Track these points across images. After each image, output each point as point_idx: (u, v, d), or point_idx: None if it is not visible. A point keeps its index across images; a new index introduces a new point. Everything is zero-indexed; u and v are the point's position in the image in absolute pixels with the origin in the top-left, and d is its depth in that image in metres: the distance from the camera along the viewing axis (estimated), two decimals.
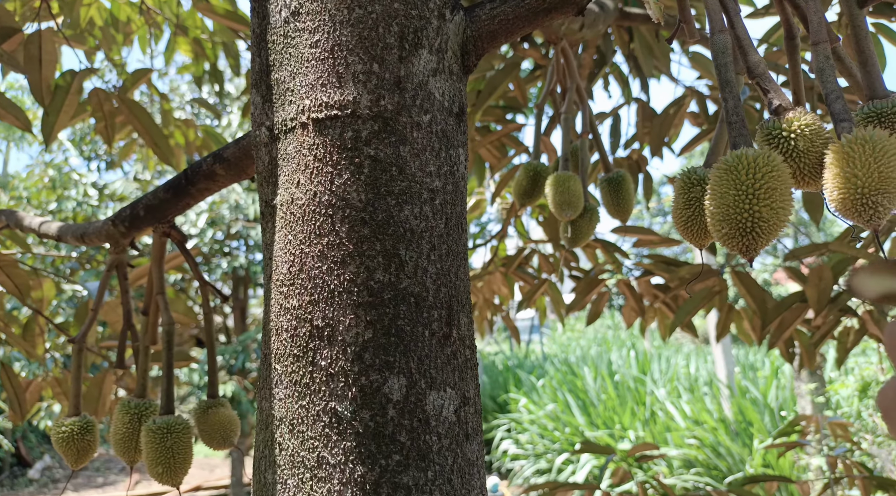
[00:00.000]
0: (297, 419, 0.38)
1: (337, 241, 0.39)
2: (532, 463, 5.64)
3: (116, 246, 0.67)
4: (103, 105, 1.27)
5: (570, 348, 10.63)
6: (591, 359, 7.40)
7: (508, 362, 8.71)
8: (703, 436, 4.36)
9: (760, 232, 0.35)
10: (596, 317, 2.10)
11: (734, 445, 4.19)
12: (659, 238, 1.81)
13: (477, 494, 0.41)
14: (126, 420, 0.62)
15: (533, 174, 1.04)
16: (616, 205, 0.99)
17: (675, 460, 4.52)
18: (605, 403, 5.61)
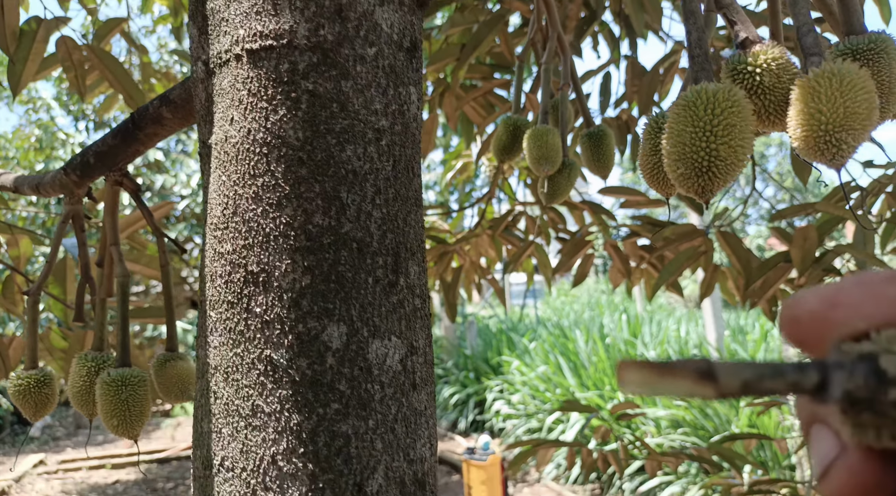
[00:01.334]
0: (232, 367, 0.37)
1: (272, 181, 0.37)
2: (523, 422, 5.73)
3: (71, 196, 0.64)
4: (72, 54, 1.22)
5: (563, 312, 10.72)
6: (584, 323, 7.46)
7: (502, 326, 8.79)
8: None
9: (717, 172, 0.33)
10: (582, 279, 2.09)
11: (721, 406, 4.25)
12: (646, 199, 1.79)
13: (424, 444, 0.40)
14: (83, 373, 0.61)
15: (513, 129, 1.01)
16: (596, 160, 0.96)
17: (663, 420, 4.60)
18: (595, 365, 5.68)
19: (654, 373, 0.15)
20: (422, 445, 0.40)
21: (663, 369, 0.16)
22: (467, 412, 6.89)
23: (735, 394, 0.15)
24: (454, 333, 8.81)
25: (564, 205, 2.06)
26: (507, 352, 7.02)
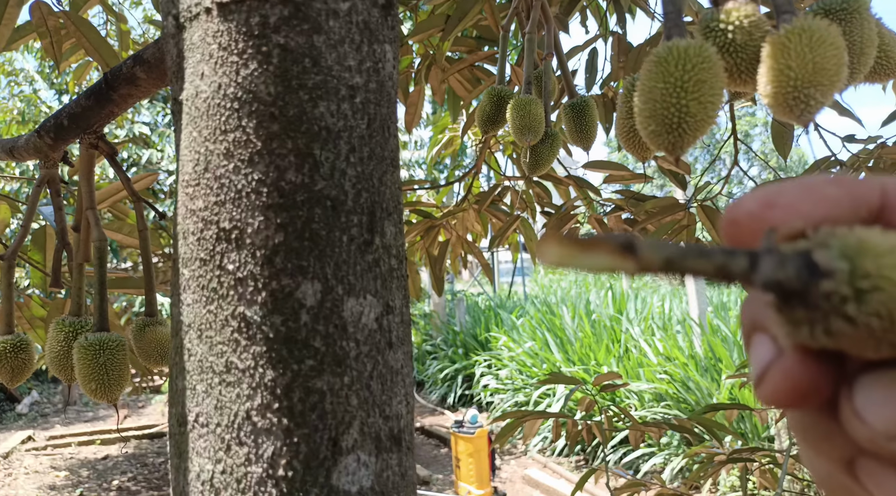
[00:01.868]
0: (205, 324, 0.37)
1: (244, 137, 0.37)
2: (511, 397, 5.81)
3: (46, 160, 0.63)
4: (47, 20, 1.19)
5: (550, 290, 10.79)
6: (571, 300, 7.52)
7: (491, 303, 8.83)
8: (674, 372, 4.50)
9: (687, 128, 0.33)
10: None
11: (703, 380, 4.33)
12: (630, 174, 1.79)
13: (400, 402, 0.41)
14: (60, 338, 0.61)
15: (497, 99, 1.01)
16: (579, 131, 0.96)
17: (647, 394, 4.67)
18: (581, 341, 5.75)
19: (574, 247, 0.15)
20: (398, 402, 0.41)
21: (584, 243, 0.15)
22: (456, 387, 6.96)
23: (655, 269, 0.15)
24: (444, 310, 8.85)
25: (550, 179, 2.06)
26: (495, 328, 7.08)
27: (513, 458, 5.41)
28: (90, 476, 5.90)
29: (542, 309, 7.11)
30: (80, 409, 8.75)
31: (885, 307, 0.14)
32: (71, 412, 8.55)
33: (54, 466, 6.16)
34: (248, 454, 0.35)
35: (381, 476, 0.38)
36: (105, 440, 6.87)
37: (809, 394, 0.16)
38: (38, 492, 5.49)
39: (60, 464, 6.24)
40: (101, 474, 5.94)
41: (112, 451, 6.62)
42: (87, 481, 5.78)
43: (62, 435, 7.00)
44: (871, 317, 0.14)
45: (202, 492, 0.36)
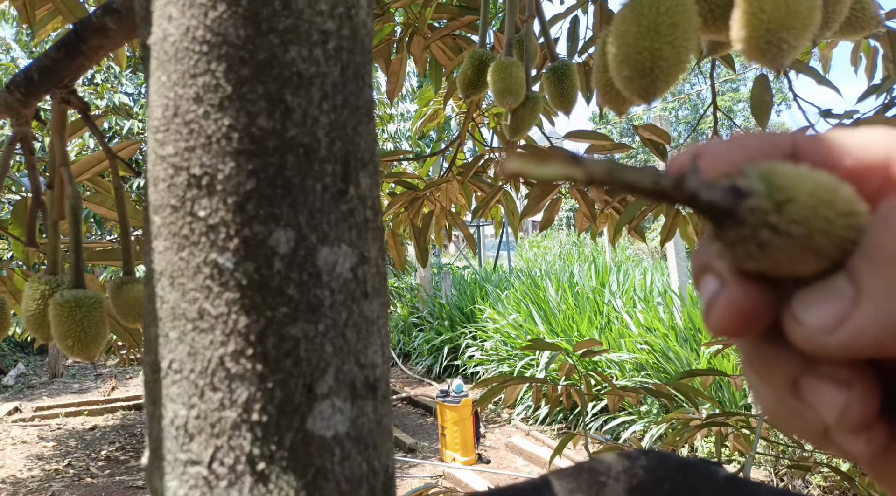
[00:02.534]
0: (177, 271, 0.37)
1: (214, 82, 0.36)
2: (495, 367, 5.87)
3: (18, 117, 0.62)
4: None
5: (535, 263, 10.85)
6: (555, 273, 7.58)
7: (476, 276, 8.86)
8: (655, 342, 4.57)
9: (660, 72, 0.33)
10: (548, 224, 2.11)
11: (683, 350, 4.41)
12: (612, 143, 1.79)
13: (376, 351, 0.41)
14: (36, 296, 0.60)
15: (478, 62, 1.00)
16: (560, 96, 0.96)
17: (628, 364, 4.75)
18: (564, 313, 5.81)
19: (532, 160, 0.17)
20: (374, 352, 0.41)
21: (541, 156, 0.17)
22: (441, 358, 7.03)
23: (600, 177, 0.17)
24: (430, 284, 8.89)
25: (532, 150, 2.05)
26: (480, 301, 7.13)
27: (497, 427, 5.51)
28: (78, 446, 5.91)
29: (526, 282, 7.17)
30: (67, 381, 8.73)
31: (801, 214, 0.16)
32: (58, 384, 8.53)
33: (42, 437, 6.16)
34: (221, 399, 0.36)
35: (357, 422, 0.39)
36: (92, 411, 6.87)
37: (753, 318, 0.18)
38: (26, 462, 5.50)
39: (48, 434, 6.25)
40: (89, 444, 5.96)
41: (99, 422, 6.64)
42: (76, 451, 5.80)
43: (49, 406, 6.99)
44: (790, 225, 0.16)
45: (176, 438, 0.36)
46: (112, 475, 5.37)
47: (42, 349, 9.63)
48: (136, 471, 5.43)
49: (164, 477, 0.37)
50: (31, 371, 9.17)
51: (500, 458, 4.76)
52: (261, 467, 0.35)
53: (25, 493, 4.94)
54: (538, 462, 4.52)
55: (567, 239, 15.45)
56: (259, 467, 0.35)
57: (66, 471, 5.41)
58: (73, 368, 9.45)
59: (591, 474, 0.37)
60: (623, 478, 0.36)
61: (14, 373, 8.75)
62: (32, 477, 5.30)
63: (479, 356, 6.37)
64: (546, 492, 0.37)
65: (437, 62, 1.75)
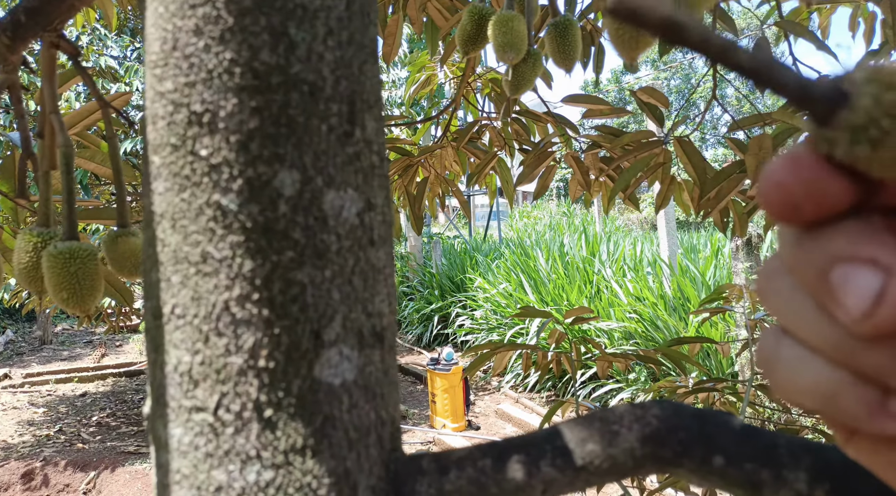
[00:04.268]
0: (179, 213, 0.35)
1: (214, 12, 0.34)
2: (486, 336, 5.92)
3: (5, 63, 0.59)
4: None
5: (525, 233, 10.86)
6: (545, 243, 7.59)
7: (466, 246, 8.87)
8: (644, 311, 4.62)
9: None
10: (543, 191, 2.10)
11: (671, 319, 4.45)
12: (609, 108, 1.77)
13: (383, 300, 0.40)
14: (28, 248, 0.59)
15: (477, 17, 0.97)
16: (561, 51, 0.94)
17: (616, 332, 4.80)
18: (554, 282, 5.84)
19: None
20: (380, 301, 0.40)
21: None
22: (432, 327, 7.07)
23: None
24: (420, 253, 8.89)
25: (528, 116, 2.03)
26: (470, 270, 7.15)
27: (486, 394, 5.58)
28: (69, 412, 5.93)
29: (516, 251, 7.18)
30: (57, 348, 8.72)
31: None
32: (47, 351, 8.52)
33: (33, 403, 6.17)
34: (227, 345, 0.35)
35: (364, 371, 0.38)
36: (83, 378, 6.88)
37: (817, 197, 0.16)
38: (17, 428, 5.51)
39: (38, 400, 6.26)
40: (80, 410, 5.97)
41: (90, 389, 6.65)
42: (66, 417, 5.82)
43: (39, 373, 6.99)
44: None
45: (180, 385, 0.35)
46: (103, 441, 5.40)
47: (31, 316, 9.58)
48: (127, 437, 5.46)
49: (167, 424, 0.36)
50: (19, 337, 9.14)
51: (489, 425, 4.84)
52: (268, 414, 0.34)
53: (17, 458, 4.97)
54: (527, 428, 4.58)
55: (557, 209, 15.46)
56: (266, 414, 0.34)
57: (58, 437, 5.43)
58: (63, 335, 9.42)
59: (602, 423, 0.36)
60: (636, 427, 0.35)
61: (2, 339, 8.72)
62: (23, 442, 5.33)
63: (469, 325, 6.41)
64: (558, 441, 0.36)
65: (433, 23, 1.71)
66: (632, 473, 0.34)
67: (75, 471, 4.97)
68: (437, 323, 7.14)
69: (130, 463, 4.94)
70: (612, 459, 0.34)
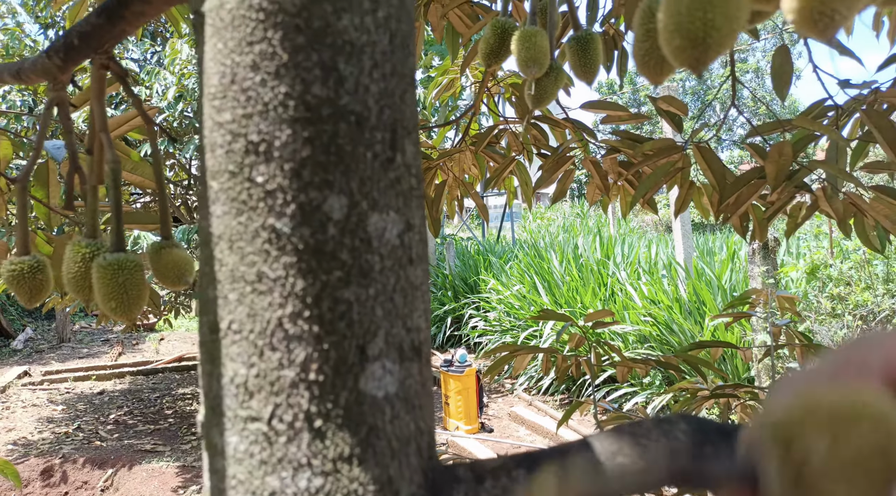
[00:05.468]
0: (236, 235, 0.38)
1: (270, 49, 0.37)
2: (499, 338, 5.92)
3: (55, 82, 0.63)
4: None
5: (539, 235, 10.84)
6: (559, 245, 7.58)
7: (479, 247, 8.87)
8: (658, 314, 4.60)
9: (712, 42, 0.34)
10: (562, 195, 2.11)
11: (687, 323, 4.44)
12: (628, 114, 1.78)
13: (419, 316, 0.43)
14: (78, 259, 0.62)
15: (500, 31, 0.99)
16: (583, 65, 0.95)
17: (631, 336, 4.78)
18: (568, 284, 5.83)
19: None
20: (418, 316, 0.42)
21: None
22: (445, 328, 7.10)
23: None
24: (434, 254, 8.91)
25: (547, 122, 2.04)
26: (484, 272, 7.16)
27: (500, 396, 5.59)
28: (87, 410, 6.03)
29: (530, 253, 7.18)
30: (75, 346, 8.86)
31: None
32: (65, 348, 8.65)
33: (51, 400, 6.28)
34: (280, 359, 0.37)
35: (405, 383, 0.40)
36: (100, 376, 6.98)
37: None
38: (36, 425, 5.61)
39: (57, 398, 6.36)
40: (98, 408, 6.07)
41: (108, 387, 6.75)
42: (85, 414, 5.91)
43: (58, 370, 7.10)
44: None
45: (236, 395, 0.38)
46: (121, 438, 5.48)
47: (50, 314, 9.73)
48: (144, 435, 5.54)
49: (223, 433, 0.38)
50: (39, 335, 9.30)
51: (502, 428, 4.85)
52: (318, 424, 0.37)
53: (36, 455, 5.06)
54: (540, 431, 4.59)
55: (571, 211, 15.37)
56: (316, 424, 0.37)
57: (76, 434, 5.52)
58: (81, 333, 9.56)
59: (632, 437, 0.38)
60: (664, 441, 0.37)
61: (22, 337, 8.87)
62: (43, 439, 5.42)
63: (483, 326, 6.42)
64: (588, 453, 0.38)
65: (454, 30, 1.73)
66: (660, 485, 0.36)
67: (93, 469, 5.05)
68: (451, 324, 7.16)
69: (147, 461, 5.01)
70: (641, 472, 0.36)
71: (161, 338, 8.89)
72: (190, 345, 8.86)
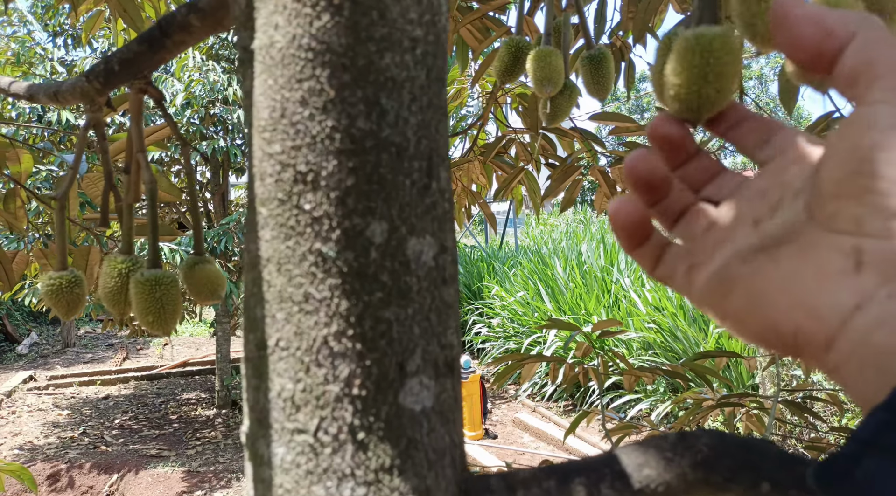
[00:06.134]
0: (284, 258, 0.40)
1: (318, 86, 0.39)
2: (502, 344, 5.94)
3: (92, 104, 0.65)
4: None
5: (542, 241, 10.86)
6: (562, 251, 7.59)
7: (483, 253, 8.89)
8: (662, 322, 4.61)
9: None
10: (570, 204, 2.13)
11: (691, 330, 4.45)
12: (636, 125, 1.81)
13: (452, 333, 0.45)
14: (114, 274, 0.64)
15: (515, 50, 1.02)
16: (596, 83, 0.98)
17: (635, 342, 4.80)
18: (572, 291, 5.84)
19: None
20: (451, 334, 0.45)
21: None
22: None
23: None
24: None
25: (555, 131, 2.07)
26: (487, 278, 7.18)
27: (503, 403, 5.60)
28: (92, 415, 6.05)
29: (534, 259, 7.20)
30: (80, 351, 8.89)
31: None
32: (70, 353, 8.69)
33: (57, 405, 6.30)
34: (325, 375, 0.39)
35: (440, 398, 0.43)
36: (105, 381, 7.00)
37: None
38: (42, 430, 5.64)
39: (62, 403, 6.39)
40: (103, 413, 6.09)
41: (112, 392, 6.77)
42: (90, 419, 5.93)
43: (63, 375, 7.13)
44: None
45: (283, 409, 0.40)
46: (126, 444, 5.49)
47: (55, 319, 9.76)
48: (149, 441, 5.56)
49: (270, 444, 0.41)
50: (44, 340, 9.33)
51: (506, 434, 4.86)
52: (361, 436, 0.39)
53: (43, 460, 5.07)
54: (544, 438, 4.60)
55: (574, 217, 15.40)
56: (359, 436, 0.39)
57: (81, 439, 5.54)
58: (86, 338, 9.60)
59: (657, 450, 0.40)
60: (688, 455, 0.39)
61: (27, 342, 8.90)
62: (49, 444, 5.43)
63: (486, 333, 6.44)
64: (616, 466, 0.41)
65: (464, 43, 1.76)
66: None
67: (99, 474, 5.06)
68: None
69: (153, 466, 5.03)
70: (666, 484, 0.38)
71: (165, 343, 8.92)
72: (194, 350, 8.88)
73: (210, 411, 6.11)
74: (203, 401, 6.50)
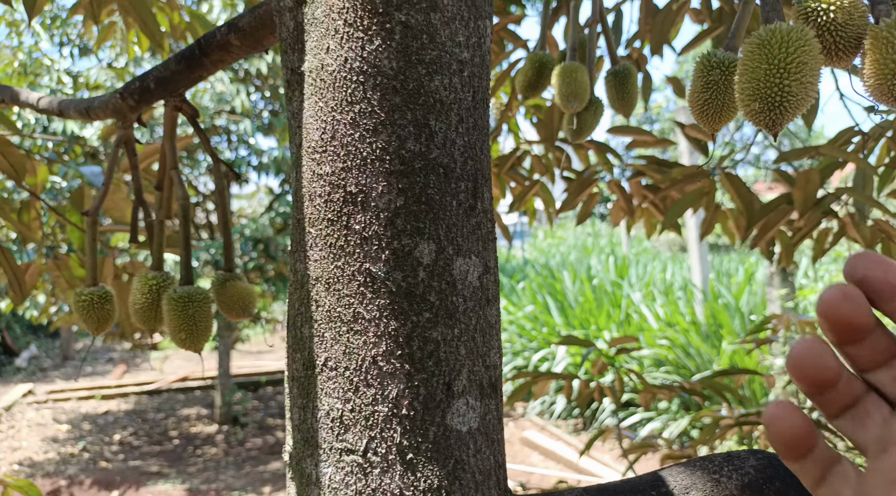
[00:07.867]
0: (333, 278, 0.40)
1: (369, 108, 0.40)
2: (510, 360, 5.90)
3: (124, 121, 0.66)
4: None
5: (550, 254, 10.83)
6: (571, 264, 7.57)
7: None
8: (675, 337, 4.58)
9: (788, 106, 0.36)
10: (586, 217, 2.14)
11: (704, 346, 4.41)
12: (654, 139, 1.81)
13: (495, 354, 0.45)
14: (145, 290, 0.65)
15: (538, 65, 1.02)
16: (620, 99, 0.98)
17: (647, 359, 4.76)
18: (582, 306, 5.81)
19: None
20: (494, 354, 0.45)
21: None
22: None
23: None
24: None
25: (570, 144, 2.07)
26: None
27: (511, 420, 5.55)
28: (92, 430, 6.03)
29: (542, 273, 7.18)
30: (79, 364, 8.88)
31: None
32: (69, 366, 8.68)
33: (56, 419, 6.29)
34: (374, 395, 0.39)
35: (485, 418, 0.43)
36: (105, 395, 6.99)
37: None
38: (41, 445, 5.62)
39: (62, 417, 6.37)
40: (103, 428, 6.07)
41: (112, 407, 6.76)
42: (89, 435, 5.92)
43: (62, 389, 7.12)
44: None
45: (332, 429, 0.40)
46: (126, 460, 5.47)
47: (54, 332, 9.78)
48: (149, 457, 5.53)
49: (318, 464, 0.41)
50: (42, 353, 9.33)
51: (514, 453, 4.81)
52: (409, 457, 0.39)
53: (43, 476, 5.06)
54: (554, 458, 4.56)
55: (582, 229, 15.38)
56: (408, 457, 0.39)
57: (81, 455, 5.52)
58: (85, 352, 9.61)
59: (704, 472, 0.40)
60: (735, 477, 0.39)
61: (26, 355, 8.89)
62: (48, 459, 5.42)
63: None
64: (662, 488, 0.40)
65: None
66: None
67: (100, 490, 5.04)
68: None
69: (154, 482, 5.00)
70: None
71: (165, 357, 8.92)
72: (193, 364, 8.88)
73: (211, 427, 6.08)
74: (204, 417, 6.48)
